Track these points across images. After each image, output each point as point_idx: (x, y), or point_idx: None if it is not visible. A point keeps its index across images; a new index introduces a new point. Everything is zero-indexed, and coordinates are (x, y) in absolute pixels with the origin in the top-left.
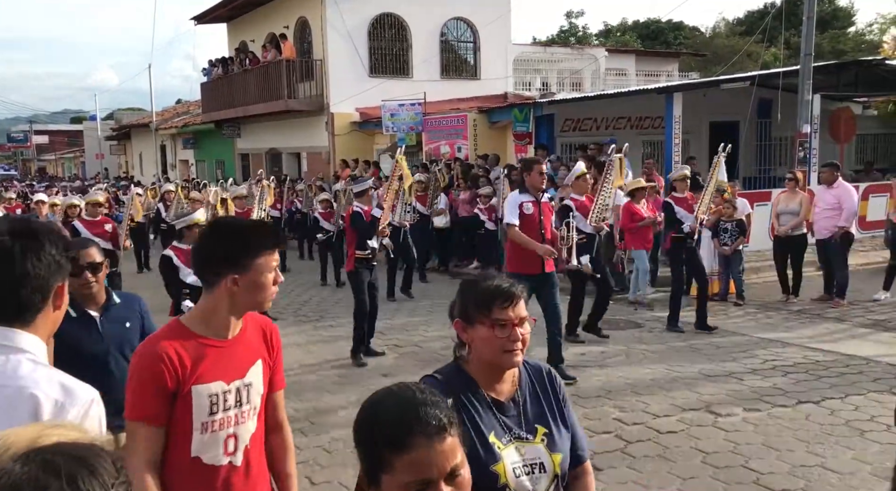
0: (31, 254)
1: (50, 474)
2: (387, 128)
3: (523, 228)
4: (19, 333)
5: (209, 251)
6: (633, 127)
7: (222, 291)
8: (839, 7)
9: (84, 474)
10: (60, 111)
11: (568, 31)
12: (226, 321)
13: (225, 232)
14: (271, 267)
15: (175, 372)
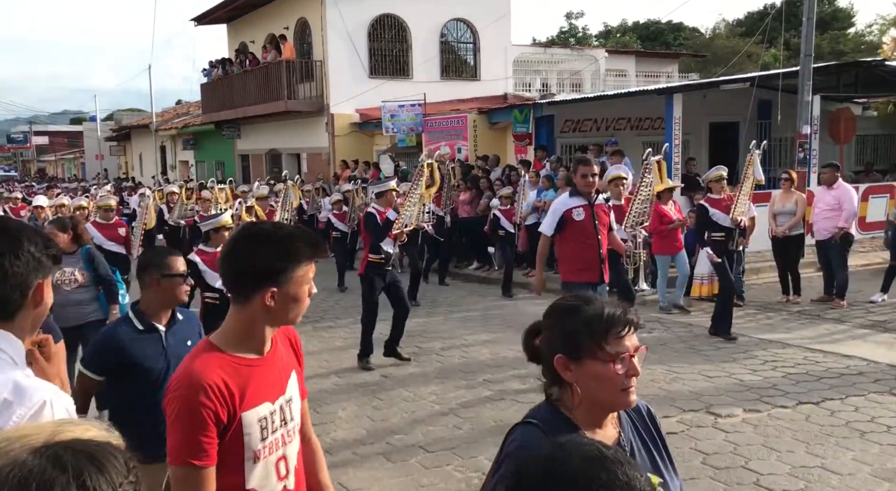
0: (8, 252)
1: (57, 469)
2: (387, 129)
3: (573, 237)
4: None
5: (244, 261)
6: (633, 128)
7: (257, 305)
8: (839, 8)
9: (91, 471)
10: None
11: (568, 32)
12: (262, 337)
13: (262, 240)
14: (309, 278)
15: (225, 403)
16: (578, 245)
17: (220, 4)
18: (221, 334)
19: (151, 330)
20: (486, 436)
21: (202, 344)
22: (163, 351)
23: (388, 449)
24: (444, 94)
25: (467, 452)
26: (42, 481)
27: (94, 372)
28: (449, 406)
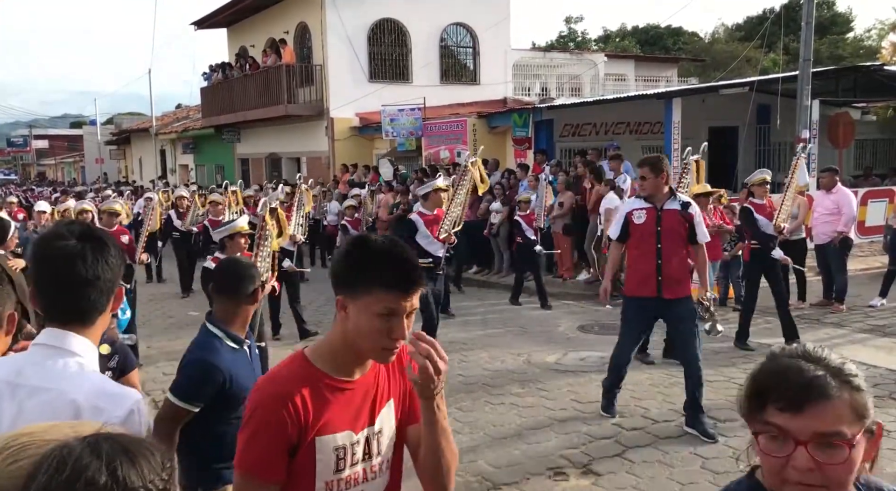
0: (101, 257)
1: (93, 455)
2: (386, 133)
3: (633, 243)
4: (72, 336)
5: (337, 265)
6: (633, 132)
7: (340, 318)
8: (838, 13)
9: (123, 461)
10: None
11: (567, 36)
12: (350, 356)
13: (361, 248)
14: (390, 310)
15: (299, 420)
16: (636, 253)
17: (221, 8)
18: (316, 347)
19: (241, 347)
20: (484, 440)
21: (297, 356)
22: (251, 369)
23: None
24: (444, 99)
25: (466, 456)
26: (77, 465)
27: (190, 402)
28: (447, 410)
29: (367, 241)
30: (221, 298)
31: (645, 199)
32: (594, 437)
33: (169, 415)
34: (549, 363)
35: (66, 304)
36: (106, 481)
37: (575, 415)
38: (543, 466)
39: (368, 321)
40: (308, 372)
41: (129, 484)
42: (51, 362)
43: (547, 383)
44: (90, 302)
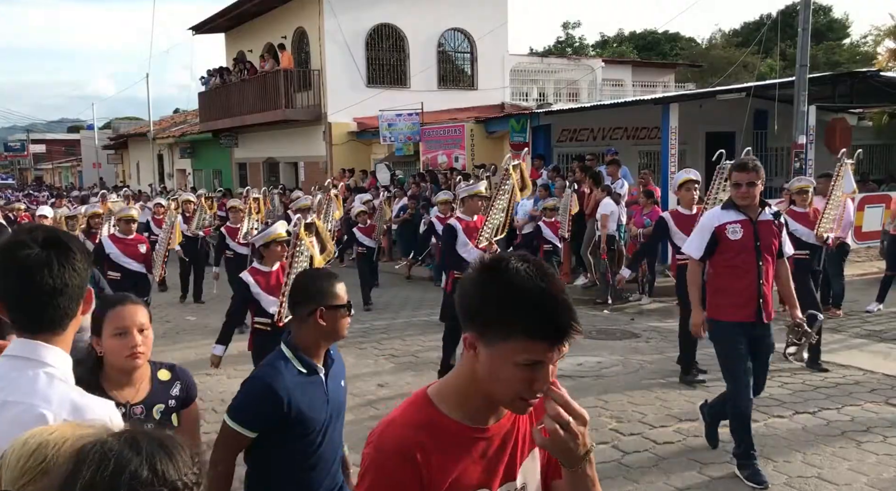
0: (67, 264)
1: (133, 451)
2: (384, 137)
3: (723, 261)
4: (45, 347)
5: (466, 297)
6: (630, 137)
7: (468, 357)
8: (834, 19)
9: (162, 456)
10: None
11: (565, 41)
12: (481, 401)
13: (500, 278)
14: (535, 361)
15: (423, 476)
16: (728, 272)
17: (219, 13)
18: (441, 388)
19: (313, 372)
20: None
21: (419, 398)
22: (325, 398)
23: None
24: (442, 104)
25: None
26: (119, 460)
27: (248, 427)
28: None
29: (508, 269)
30: (295, 317)
31: (737, 210)
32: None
33: (223, 438)
34: None
35: (35, 314)
36: (148, 475)
37: None
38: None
39: (505, 370)
40: (433, 418)
41: (168, 477)
42: (18, 374)
43: None
44: (60, 310)
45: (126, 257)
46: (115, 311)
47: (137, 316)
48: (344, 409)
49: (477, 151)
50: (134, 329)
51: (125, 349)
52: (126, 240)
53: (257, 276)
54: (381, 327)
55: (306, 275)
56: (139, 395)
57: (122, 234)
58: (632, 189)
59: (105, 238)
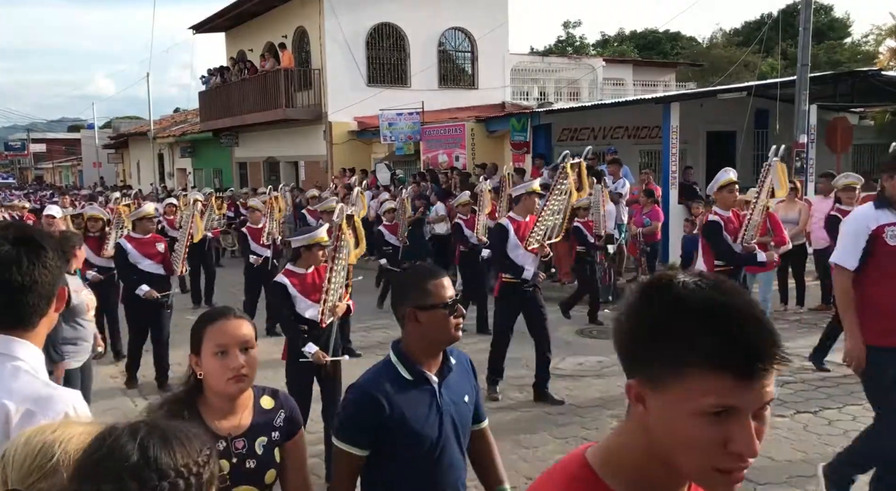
0: (37, 261)
1: (129, 437)
2: (384, 137)
3: (885, 271)
4: (17, 342)
5: (636, 329)
6: (631, 136)
7: (635, 414)
8: (835, 18)
9: (156, 443)
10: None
11: (565, 41)
12: (661, 475)
13: (671, 296)
14: (726, 406)
15: None
16: (887, 284)
17: (219, 13)
18: (605, 452)
19: (422, 381)
20: None
21: (573, 458)
22: (437, 411)
23: None
24: (442, 103)
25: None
26: (112, 446)
27: (356, 444)
28: None
29: (673, 284)
30: (398, 319)
31: (894, 210)
32: (592, 441)
33: (336, 462)
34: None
35: (4, 310)
36: (137, 460)
37: (572, 419)
38: (541, 470)
39: (685, 425)
40: None
41: (159, 464)
42: None
43: (552, 387)
44: (29, 307)
45: (143, 258)
46: (216, 326)
47: (241, 331)
48: (468, 429)
49: (477, 151)
50: (236, 347)
51: (226, 371)
52: (143, 240)
53: (292, 277)
54: (381, 326)
55: (403, 273)
56: (241, 426)
57: (141, 233)
58: (633, 188)
59: (122, 240)
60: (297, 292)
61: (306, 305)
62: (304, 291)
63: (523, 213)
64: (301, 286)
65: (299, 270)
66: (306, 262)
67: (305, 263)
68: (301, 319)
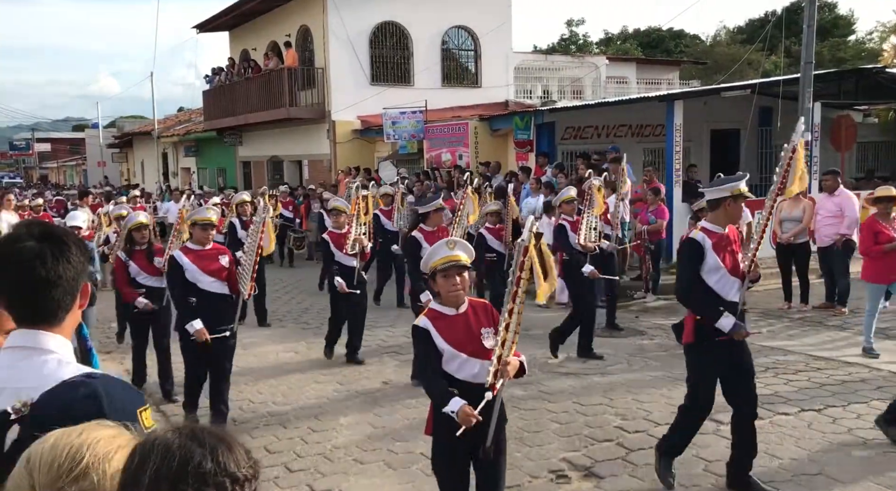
0: (61, 257)
1: (195, 443)
2: (388, 135)
3: None
4: (45, 334)
5: None
6: (634, 135)
7: None
8: (839, 16)
9: (223, 449)
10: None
11: (569, 39)
12: None
13: None
14: None
15: None
16: None
17: (223, 12)
18: None
19: None
20: None
21: None
22: None
23: (390, 456)
24: (446, 101)
25: None
26: (184, 453)
27: None
28: None
29: None
30: None
31: None
32: (596, 439)
33: None
34: (552, 366)
35: (31, 305)
36: (211, 467)
37: (576, 417)
38: (545, 468)
39: None
40: None
41: (229, 469)
42: (27, 363)
43: (548, 386)
44: (55, 302)
45: (207, 276)
46: None
47: None
48: None
49: (481, 149)
50: None
51: None
52: (202, 252)
53: (424, 233)
54: (384, 325)
55: None
56: None
57: (199, 243)
58: (636, 187)
59: (176, 252)
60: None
61: None
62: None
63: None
64: (432, 242)
65: (428, 228)
66: (432, 222)
67: (432, 223)
68: None
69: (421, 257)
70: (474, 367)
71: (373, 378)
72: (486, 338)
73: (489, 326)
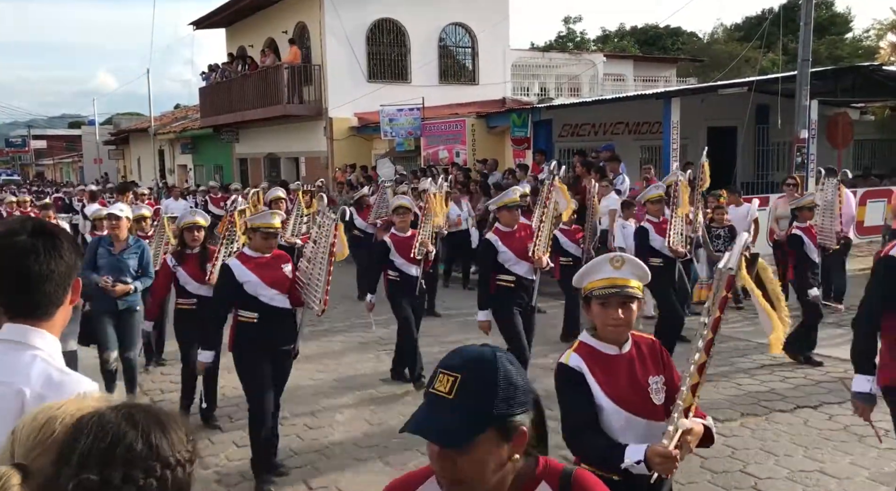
0: (54, 252)
1: (129, 425)
2: (385, 133)
3: None
4: (33, 331)
5: None
6: (631, 132)
7: None
8: (836, 13)
9: (156, 431)
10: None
11: (566, 36)
12: None
13: None
14: None
15: None
16: None
17: (219, 8)
18: None
19: None
20: None
21: None
22: None
23: (386, 452)
24: (443, 99)
25: None
26: (117, 433)
27: None
28: None
29: None
30: None
31: None
32: None
33: None
34: (548, 364)
35: (22, 299)
36: (142, 449)
37: None
38: None
39: None
40: None
41: (162, 452)
42: (9, 357)
43: (545, 383)
44: (46, 296)
45: (269, 288)
46: None
47: None
48: None
49: (478, 147)
50: None
51: None
52: (262, 260)
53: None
54: (381, 322)
55: None
56: None
57: (258, 250)
58: (633, 184)
59: (233, 260)
60: (508, 249)
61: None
62: (515, 248)
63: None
64: (510, 243)
65: (505, 229)
66: (507, 221)
67: (507, 221)
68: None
69: (497, 263)
70: (638, 429)
71: (370, 375)
72: (656, 392)
73: (657, 372)
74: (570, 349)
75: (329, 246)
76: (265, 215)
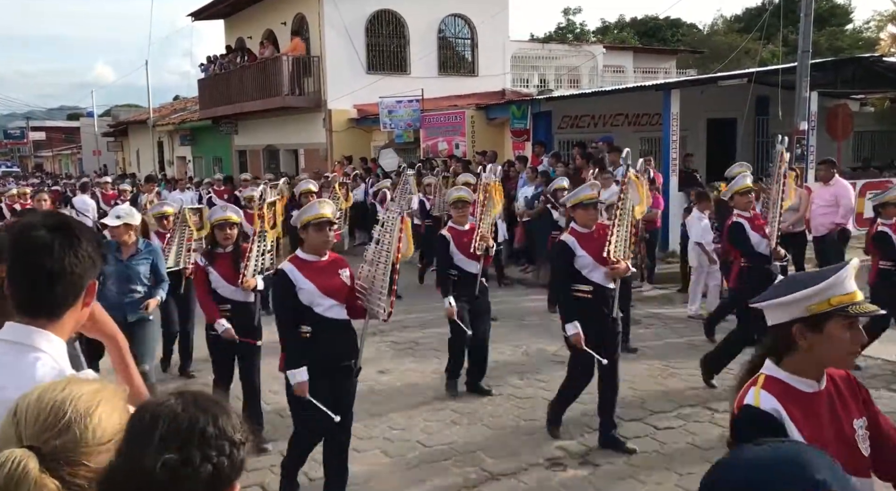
0: (70, 250)
1: (199, 410)
2: (384, 124)
3: None
4: (38, 333)
5: None
6: (631, 124)
7: None
8: (836, 4)
9: (222, 414)
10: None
11: (566, 27)
12: None
13: None
14: None
15: None
16: None
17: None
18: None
19: None
20: (483, 432)
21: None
22: None
23: (386, 444)
24: (442, 90)
25: (465, 447)
26: (191, 416)
27: None
28: (447, 402)
29: None
30: None
31: None
32: (592, 428)
33: None
34: (548, 354)
35: (33, 296)
36: (213, 430)
37: (573, 406)
38: (541, 456)
39: None
40: None
41: (228, 433)
42: (10, 359)
43: (545, 374)
44: (56, 296)
45: (328, 298)
46: None
47: None
48: None
49: (478, 138)
50: None
51: None
52: (318, 264)
53: (578, 236)
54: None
55: None
56: None
57: (313, 253)
58: None
59: (287, 264)
60: (585, 252)
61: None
62: (591, 250)
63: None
64: (587, 245)
65: (583, 230)
66: (583, 220)
67: (585, 223)
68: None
69: (574, 269)
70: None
71: (370, 367)
72: (862, 439)
73: (860, 414)
74: (756, 385)
75: (395, 244)
76: (312, 207)
